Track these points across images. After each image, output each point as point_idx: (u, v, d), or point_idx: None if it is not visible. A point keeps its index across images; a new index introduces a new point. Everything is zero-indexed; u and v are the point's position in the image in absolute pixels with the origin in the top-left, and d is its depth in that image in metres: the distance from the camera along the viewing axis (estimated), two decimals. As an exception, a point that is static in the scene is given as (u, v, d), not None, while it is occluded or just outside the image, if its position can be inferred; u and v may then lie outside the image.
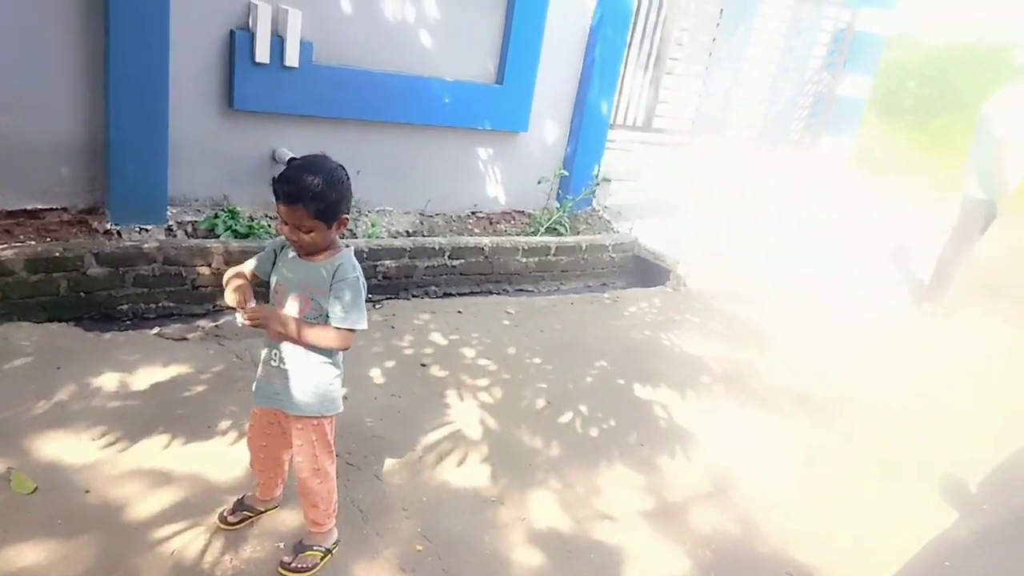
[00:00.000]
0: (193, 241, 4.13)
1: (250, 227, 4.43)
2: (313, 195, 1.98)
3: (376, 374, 3.64)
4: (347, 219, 2.11)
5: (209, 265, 4.07)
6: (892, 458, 3.72)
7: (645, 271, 5.90)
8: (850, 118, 8.50)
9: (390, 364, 3.76)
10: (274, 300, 2.19)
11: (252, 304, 2.08)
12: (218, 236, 4.29)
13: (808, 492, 3.31)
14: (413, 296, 4.77)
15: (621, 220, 6.21)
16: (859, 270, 6.66)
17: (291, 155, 4.54)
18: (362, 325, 2.14)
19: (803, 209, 7.34)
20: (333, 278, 2.09)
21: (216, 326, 3.86)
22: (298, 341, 2.13)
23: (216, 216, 4.41)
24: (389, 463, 2.96)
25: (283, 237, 2.12)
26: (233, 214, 4.44)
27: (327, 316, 2.12)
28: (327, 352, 2.18)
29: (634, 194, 6.44)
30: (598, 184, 6.12)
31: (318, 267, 2.11)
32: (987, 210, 5.71)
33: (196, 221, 4.38)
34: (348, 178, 2.08)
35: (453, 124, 5.32)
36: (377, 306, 4.42)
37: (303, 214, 1.99)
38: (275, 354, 2.19)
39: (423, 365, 3.83)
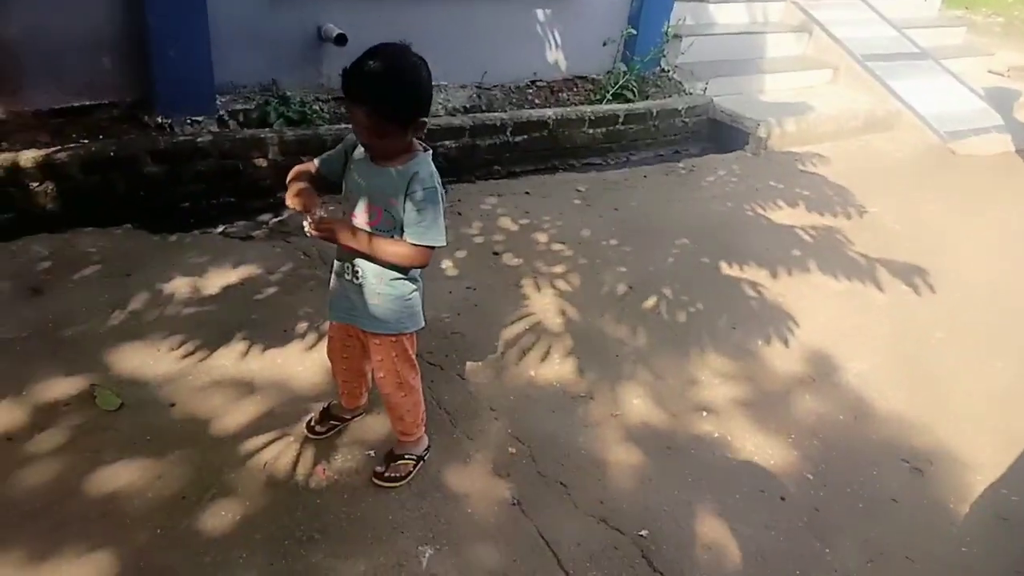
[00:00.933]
0: (247, 132, 3.93)
1: (303, 113, 4.19)
2: (381, 95, 1.71)
3: (448, 265, 3.48)
4: (425, 122, 1.84)
5: (266, 157, 3.89)
6: (1005, 333, 3.45)
7: (721, 135, 5.48)
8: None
9: (461, 254, 3.59)
10: (344, 207, 1.98)
11: (319, 213, 1.87)
12: (271, 125, 4.07)
13: (918, 373, 3.09)
14: (477, 178, 4.52)
15: (693, 80, 5.71)
16: (958, 118, 6.07)
17: (338, 31, 4.27)
18: (440, 241, 1.90)
19: (896, 53, 6.64)
20: (408, 187, 1.83)
21: (280, 221, 3.72)
22: (370, 257, 1.93)
23: (267, 103, 4.17)
24: (471, 361, 2.84)
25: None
26: (284, 100, 4.20)
27: (401, 228, 1.90)
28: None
29: (707, 51, 5.88)
30: (667, 41, 5.59)
31: (390, 173, 1.85)
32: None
33: (248, 109, 4.15)
34: (428, 74, 1.79)
35: (508, -18, 4.85)
36: (442, 191, 4.21)
37: (370, 115, 1.73)
38: (348, 267, 1.99)
39: (495, 253, 3.64)
